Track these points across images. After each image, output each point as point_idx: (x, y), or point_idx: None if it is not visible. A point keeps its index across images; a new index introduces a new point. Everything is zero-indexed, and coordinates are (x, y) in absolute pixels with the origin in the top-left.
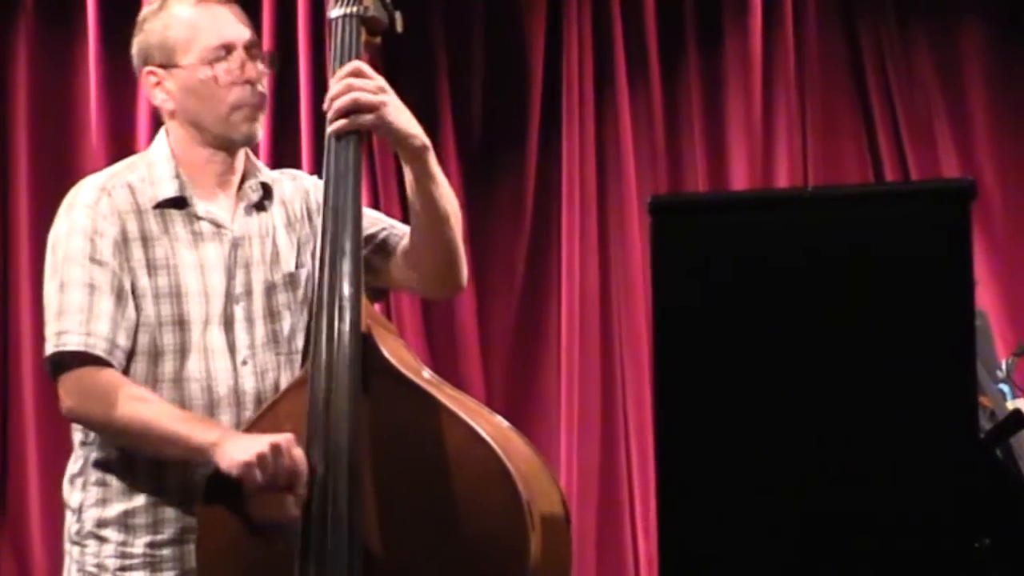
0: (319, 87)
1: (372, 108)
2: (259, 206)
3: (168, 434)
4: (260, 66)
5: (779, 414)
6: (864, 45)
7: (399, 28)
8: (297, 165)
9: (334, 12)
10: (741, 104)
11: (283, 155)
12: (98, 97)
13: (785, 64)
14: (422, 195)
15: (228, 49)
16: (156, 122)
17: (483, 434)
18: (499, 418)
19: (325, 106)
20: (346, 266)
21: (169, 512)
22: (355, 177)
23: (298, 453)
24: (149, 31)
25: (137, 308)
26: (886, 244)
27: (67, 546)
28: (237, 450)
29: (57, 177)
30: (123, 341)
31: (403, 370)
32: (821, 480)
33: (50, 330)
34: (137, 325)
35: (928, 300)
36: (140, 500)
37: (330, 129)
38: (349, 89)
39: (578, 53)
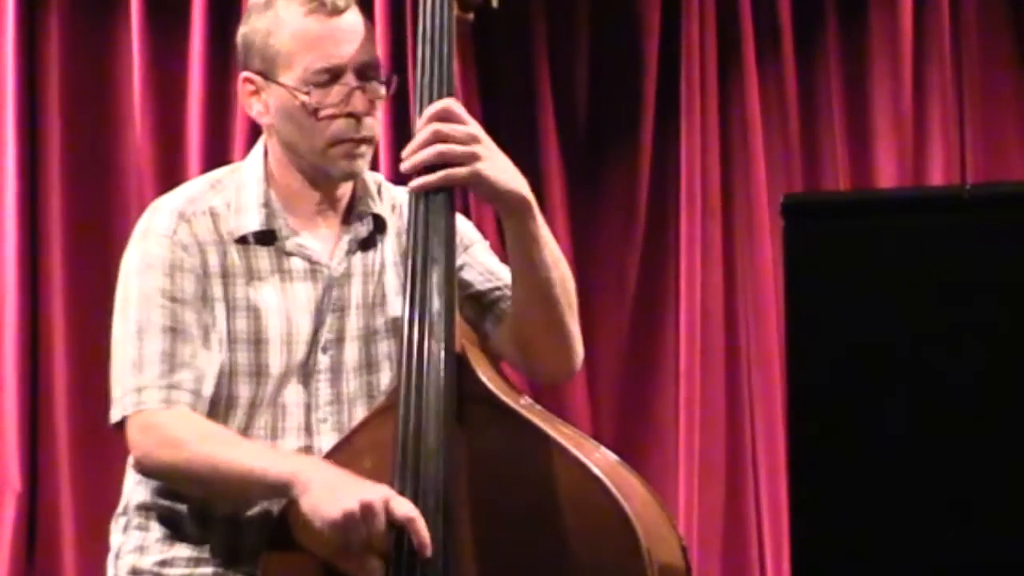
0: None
1: (464, 162)
2: (368, 241)
3: (242, 470)
4: (372, 93)
5: (939, 456)
6: None
7: (495, 3)
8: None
9: None
10: (888, 89)
11: None
12: (142, 83)
13: (940, 43)
14: (525, 262)
15: (335, 74)
16: (210, 115)
17: (597, 472)
18: (610, 453)
19: (405, 156)
20: (435, 277)
21: (208, 566)
22: (448, 227)
23: (402, 507)
24: (254, 28)
25: None
26: None
27: None
28: (323, 502)
29: (93, 173)
30: (207, 391)
31: (503, 396)
32: (985, 538)
33: (127, 384)
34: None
35: None
36: (180, 552)
37: (414, 184)
38: (436, 138)
39: (699, 30)
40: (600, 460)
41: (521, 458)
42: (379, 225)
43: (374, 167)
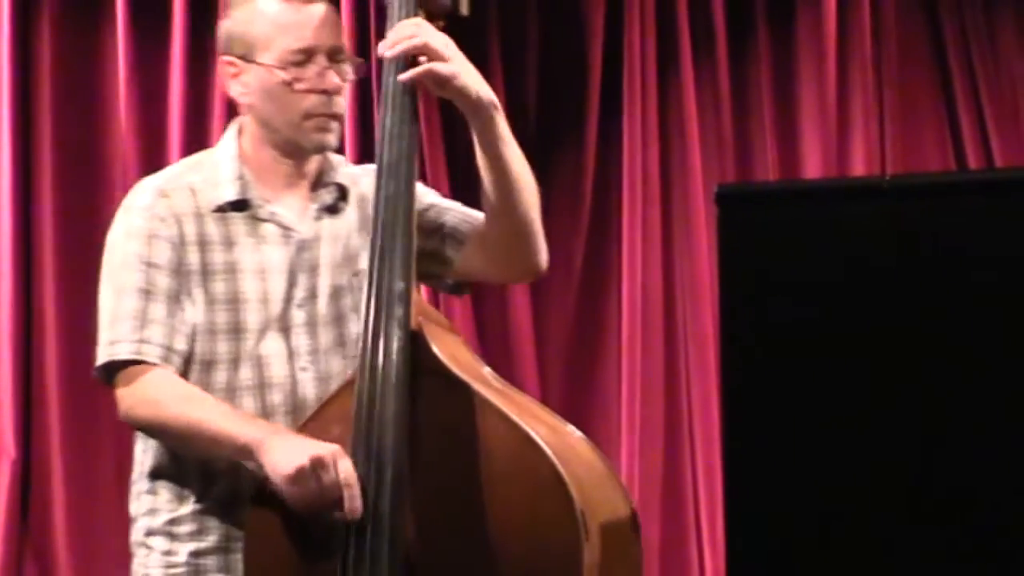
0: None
1: (441, 56)
2: (333, 208)
3: (215, 433)
4: (341, 75)
5: (856, 421)
6: (946, 24)
7: (464, 10)
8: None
9: None
10: (814, 87)
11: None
12: (127, 83)
13: (861, 44)
14: (494, 161)
15: (309, 54)
16: (189, 110)
17: (536, 438)
18: (564, 424)
19: (383, 49)
20: (397, 260)
21: (214, 520)
22: (411, 167)
23: (345, 466)
24: (235, 19)
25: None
26: (970, 237)
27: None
28: (280, 459)
29: (81, 165)
30: (180, 346)
31: (455, 370)
32: (901, 492)
33: (103, 338)
34: (193, 331)
35: (1017, 297)
36: (186, 508)
37: (403, 76)
38: (418, 32)
39: (640, 33)
40: (545, 429)
41: (468, 428)
42: (343, 194)
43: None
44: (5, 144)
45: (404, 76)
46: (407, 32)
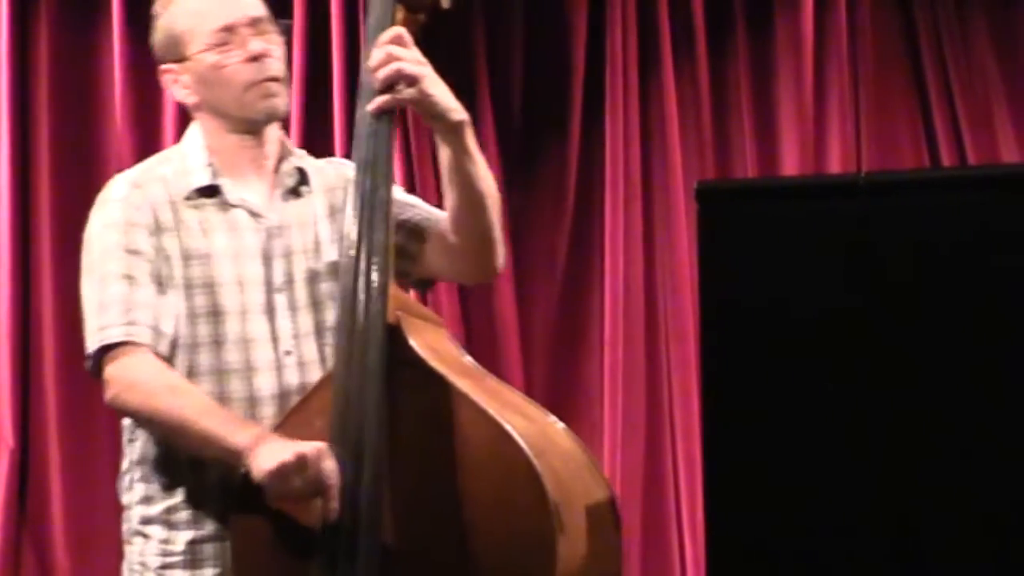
0: (352, 66)
1: (414, 81)
2: (296, 192)
3: (204, 434)
4: (267, 38)
5: (833, 413)
6: (920, 25)
7: (445, 3)
8: (329, 144)
9: None
10: (792, 87)
11: (314, 135)
12: (123, 83)
13: (838, 45)
14: (459, 174)
15: (230, 30)
16: (180, 109)
17: (511, 431)
18: (545, 415)
19: (365, 76)
20: (375, 255)
21: (211, 508)
22: (388, 163)
23: (328, 464)
24: (159, 28)
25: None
26: (943, 232)
27: (124, 547)
28: (264, 458)
29: (78, 162)
30: (167, 328)
31: (432, 362)
32: (873, 481)
33: (92, 325)
34: (177, 315)
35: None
36: (182, 496)
37: (372, 106)
38: (391, 59)
39: (622, 34)
40: (523, 421)
41: (444, 420)
42: (303, 178)
43: (328, 143)
44: (3, 143)
45: (372, 106)
46: (381, 59)
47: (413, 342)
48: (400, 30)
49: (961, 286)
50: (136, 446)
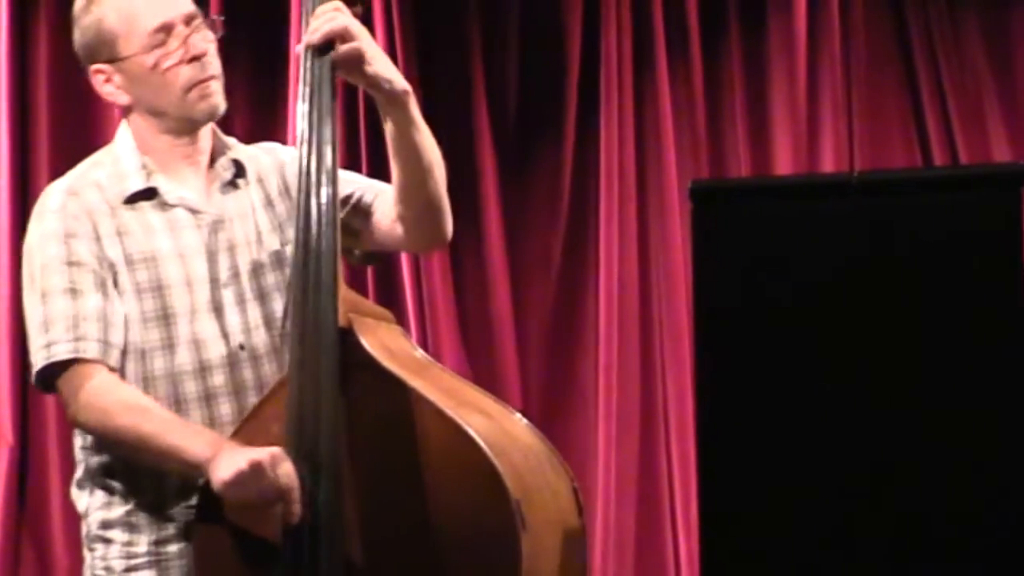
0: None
1: (351, 36)
2: (233, 184)
3: (162, 449)
4: (204, 36)
5: (826, 410)
6: (912, 26)
7: None
8: (283, 138)
9: None
10: (785, 87)
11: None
12: None
13: (831, 45)
14: (404, 144)
15: (167, 30)
16: None
17: (468, 430)
18: (503, 408)
19: (307, 39)
20: (323, 252)
21: (173, 509)
22: (332, 150)
23: (284, 469)
24: (85, 28)
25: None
26: (935, 230)
27: (84, 552)
28: (222, 468)
29: (76, 161)
30: (116, 339)
31: (386, 364)
32: (867, 479)
33: (37, 343)
34: (126, 322)
35: (978, 288)
36: (143, 499)
37: (308, 39)
38: (329, 20)
39: (616, 35)
40: (479, 418)
41: (400, 421)
42: (239, 170)
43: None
44: (3, 143)
45: (307, 39)
46: (328, 15)
47: (366, 344)
48: (338, 3)
49: (955, 284)
50: (91, 452)
